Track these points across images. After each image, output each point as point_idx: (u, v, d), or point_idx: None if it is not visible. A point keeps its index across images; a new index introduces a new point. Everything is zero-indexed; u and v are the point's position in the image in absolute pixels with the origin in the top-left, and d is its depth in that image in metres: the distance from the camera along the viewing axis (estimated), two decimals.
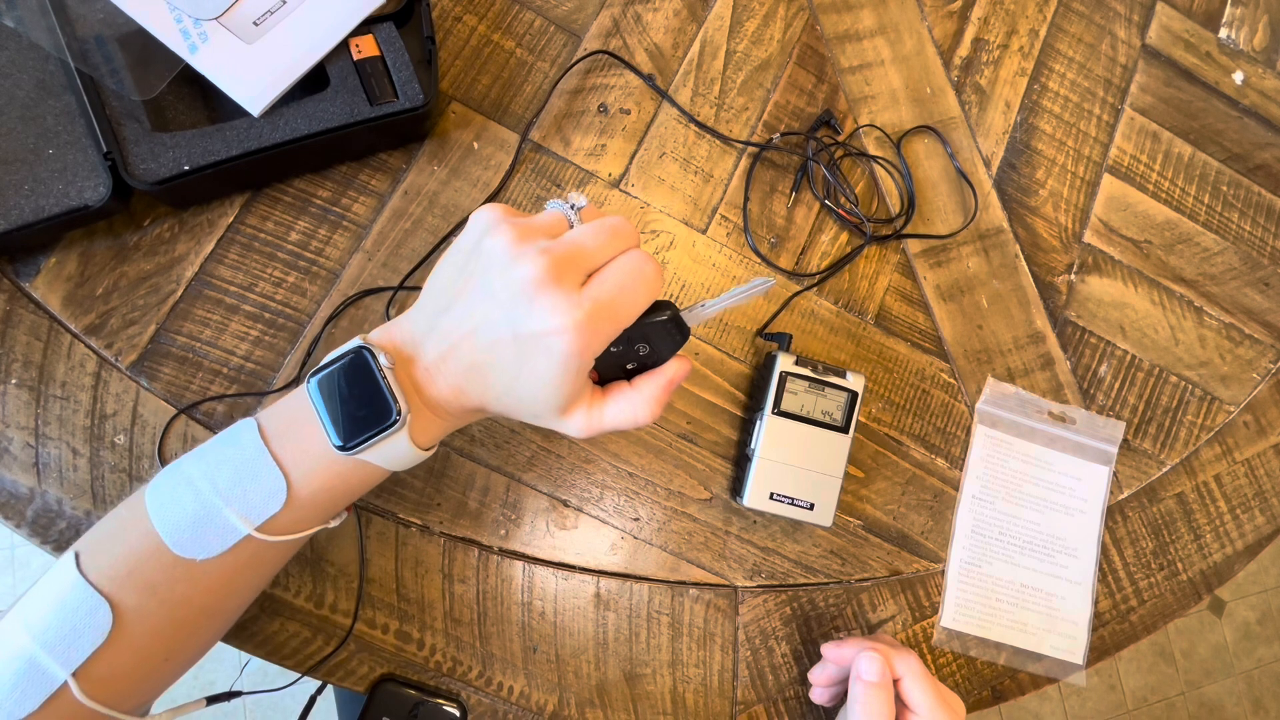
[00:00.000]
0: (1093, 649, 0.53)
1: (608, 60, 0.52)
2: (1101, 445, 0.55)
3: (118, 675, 0.31)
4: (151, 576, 0.31)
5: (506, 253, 0.29)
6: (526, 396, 0.31)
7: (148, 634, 0.32)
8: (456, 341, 0.31)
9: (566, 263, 0.29)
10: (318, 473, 0.32)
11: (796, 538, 0.50)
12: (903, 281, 0.54)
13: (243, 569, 0.33)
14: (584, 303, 0.29)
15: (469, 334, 0.30)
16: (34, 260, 0.43)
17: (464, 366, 0.31)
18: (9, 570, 1.13)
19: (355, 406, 0.30)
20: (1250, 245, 0.61)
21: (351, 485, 0.33)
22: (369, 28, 0.45)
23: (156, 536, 0.31)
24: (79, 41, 0.41)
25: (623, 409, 0.33)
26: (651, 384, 0.33)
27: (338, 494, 0.33)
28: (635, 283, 0.30)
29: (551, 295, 0.28)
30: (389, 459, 0.32)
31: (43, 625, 0.30)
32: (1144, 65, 0.62)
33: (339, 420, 0.31)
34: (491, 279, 0.30)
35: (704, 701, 0.47)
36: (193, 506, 0.31)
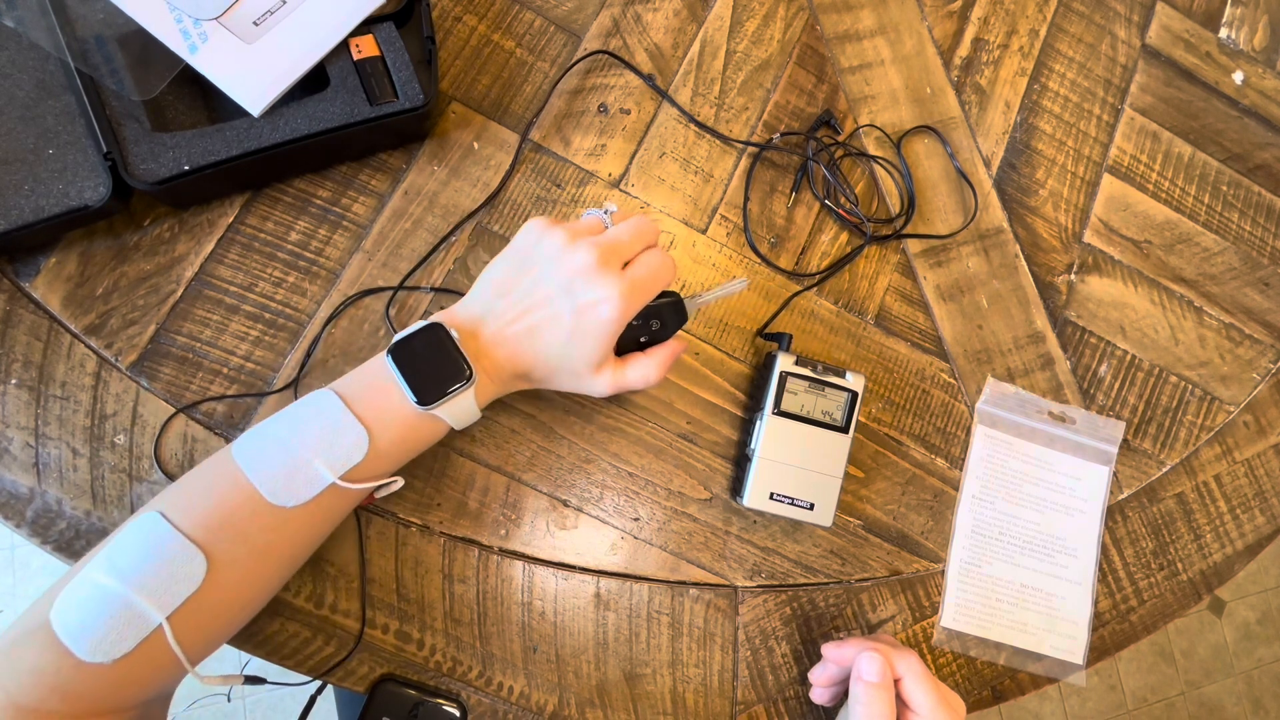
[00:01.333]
0: (1093, 649, 0.53)
1: (608, 60, 0.52)
2: (1101, 445, 0.55)
3: (203, 620, 0.34)
4: (243, 525, 0.35)
5: (563, 247, 0.38)
6: (574, 353, 0.38)
7: (235, 581, 0.35)
8: (517, 315, 0.38)
9: (611, 252, 0.38)
10: (394, 426, 0.37)
11: (796, 538, 0.50)
12: (903, 281, 0.54)
13: (320, 516, 0.37)
14: (625, 280, 0.38)
15: (531, 308, 0.38)
16: (34, 260, 0.43)
17: (523, 333, 0.38)
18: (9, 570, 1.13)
19: (431, 370, 0.37)
20: (1250, 245, 0.61)
21: (423, 437, 0.39)
22: (369, 28, 0.45)
23: (249, 489, 0.35)
24: (79, 41, 0.41)
25: (639, 369, 0.41)
26: (662, 351, 0.42)
27: (410, 445, 0.39)
28: (660, 269, 0.39)
29: (603, 274, 0.37)
30: (455, 415, 0.38)
31: (138, 573, 0.32)
32: (1144, 65, 0.62)
33: (417, 382, 0.37)
34: (552, 266, 0.38)
35: (704, 701, 0.47)
36: (285, 460, 0.35)
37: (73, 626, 0.31)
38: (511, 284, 0.39)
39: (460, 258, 0.48)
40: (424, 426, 0.38)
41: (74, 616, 0.31)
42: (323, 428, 0.36)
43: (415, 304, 0.47)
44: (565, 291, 0.37)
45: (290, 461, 0.35)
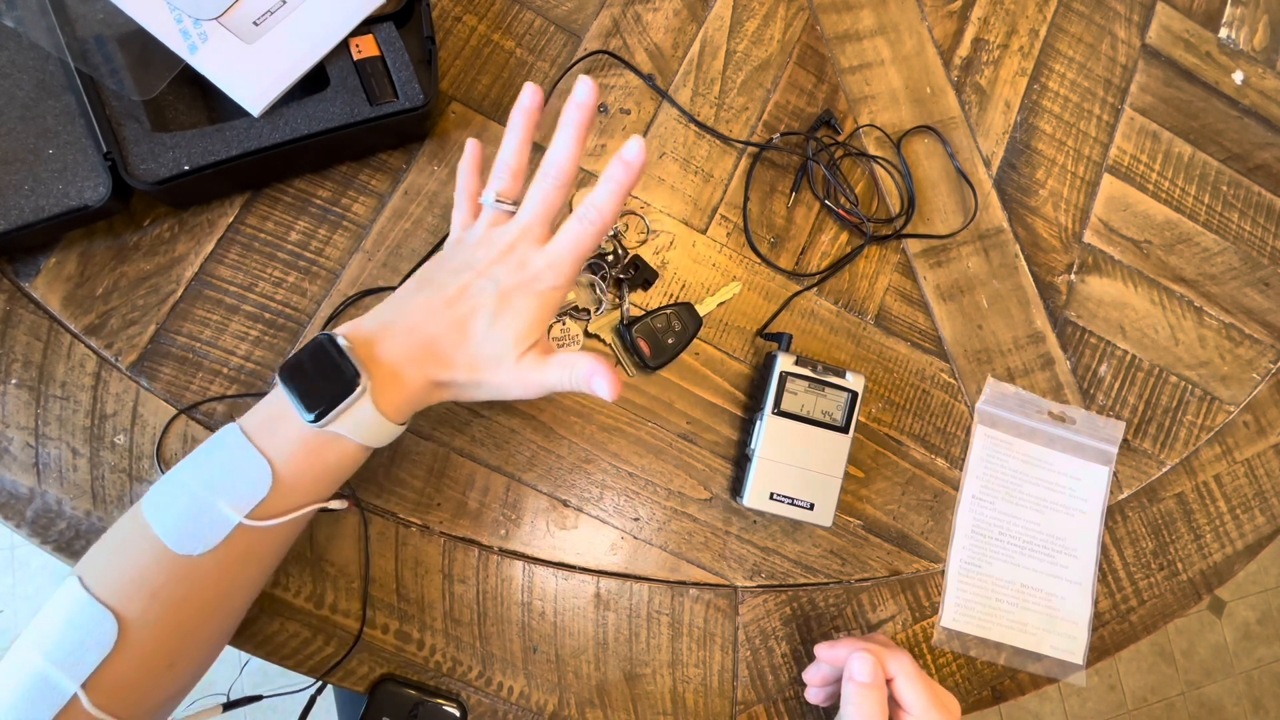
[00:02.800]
0: (1093, 649, 0.53)
1: (608, 60, 0.52)
2: (1101, 445, 0.55)
3: (126, 685, 0.32)
4: (153, 581, 0.33)
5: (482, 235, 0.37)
6: (499, 336, 0.36)
7: (152, 640, 0.33)
8: (436, 308, 0.36)
9: (531, 229, 0.37)
10: (297, 454, 0.34)
11: (796, 538, 0.50)
12: (903, 281, 0.54)
13: (239, 562, 0.35)
14: (546, 254, 0.36)
15: (451, 301, 0.36)
16: (34, 260, 0.43)
17: (446, 325, 0.36)
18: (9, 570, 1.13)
19: (320, 383, 0.34)
20: (1250, 245, 0.61)
21: (330, 462, 0.35)
22: (369, 28, 0.45)
23: (156, 540, 0.33)
24: (79, 41, 0.41)
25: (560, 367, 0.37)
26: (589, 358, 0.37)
27: (319, 472, 0.35)
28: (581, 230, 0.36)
29: (523, 253, 0.36)
30: (359, 430, 0.35)
31: (51, 642, 0.31)
32: (1144, 65, 0.62)
33: (307, 397, 0.34)
34: (474, 253, 0.37)
35: (704, 701, 0.47)
36: (187, 505, 0.33)
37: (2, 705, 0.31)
38: (429, 277, 0.38)
39: None
40: (330, 449, 0.35)
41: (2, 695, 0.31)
42: (224, 465, 0.34)
43: None
44: (487, 277, 0.36)
45: (193, 506, 0.33)
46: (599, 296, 0.48)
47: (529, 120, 0.39)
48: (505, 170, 0.39)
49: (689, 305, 0.49)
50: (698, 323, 0.49)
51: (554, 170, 0.37)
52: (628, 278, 0.49)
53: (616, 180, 0.36)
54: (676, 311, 0.48)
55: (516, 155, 0.39)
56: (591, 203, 0.36)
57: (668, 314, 0.48)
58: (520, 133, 0.39)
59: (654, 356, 0.47)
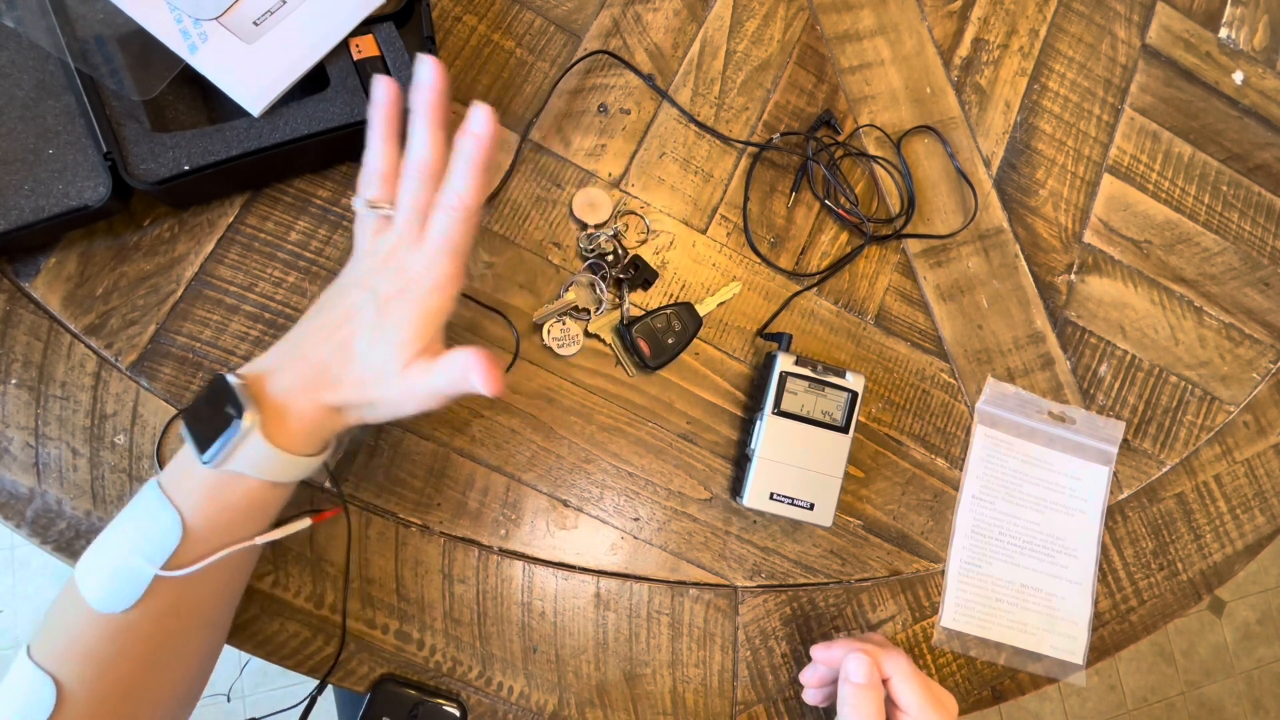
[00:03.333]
0: (1093, 649, 0.53)
1: (608, 60, 0.52)
2: (1101, 445, 0.55)
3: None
4: (86, 643, 0.33)
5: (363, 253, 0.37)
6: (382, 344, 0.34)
7: (92, 702, 0.33)
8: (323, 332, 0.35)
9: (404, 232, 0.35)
10: (204, 498, 0.34)
11: (796, 538, 0.50)
12: (903, 281, 0.54)
13: (168, 613, 0.34)
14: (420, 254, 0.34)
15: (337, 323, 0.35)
16: (34, 260, 0.43)
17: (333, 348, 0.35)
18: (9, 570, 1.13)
19: (210, 423, 0.34)
20: (1250, 245, 0.61)
21: (237, 502, 0.35)
22: (369, 28, 0.45)
23: (84, 603, 0.33)
24: (79, 41, 0.41)
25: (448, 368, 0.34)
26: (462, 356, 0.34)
27: (231, 515, 0.35)
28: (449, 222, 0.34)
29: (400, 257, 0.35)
30: (257, 466, 0.34)
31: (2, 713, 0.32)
32: (1144, 65, 0.62)
33: (198, 439, 0.34)
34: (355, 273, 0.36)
35: (704, 701, 0.47)
36: (108, 564, 0.34)
37: None
38: (318, 307, 0.37)
39: None
40: (233, 489, 0.34)
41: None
42: (138, 520, 0.34)
43: None
44: (368, 288, 0.35)
45: (113, 564, 0.33)
46: (599, 296, 0.48)
47: (385, 118, 0.37)
48: (373, 174, 0.37)
49: (689, 305, 0.49)
50: (698, 323, 0.49)
51: (416, 164, 0.35)
52: (628, 278, 0.49)
53: (469, 156, 0.34)
54: (676, 311, 0.48)
55: (382, 157, 0.37)
56: (451, 189, 0.34)
57: (668, 314, 0.48)
58: (379, 132, 0.37)
59: (654, 356, 0.47)
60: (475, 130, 0.33)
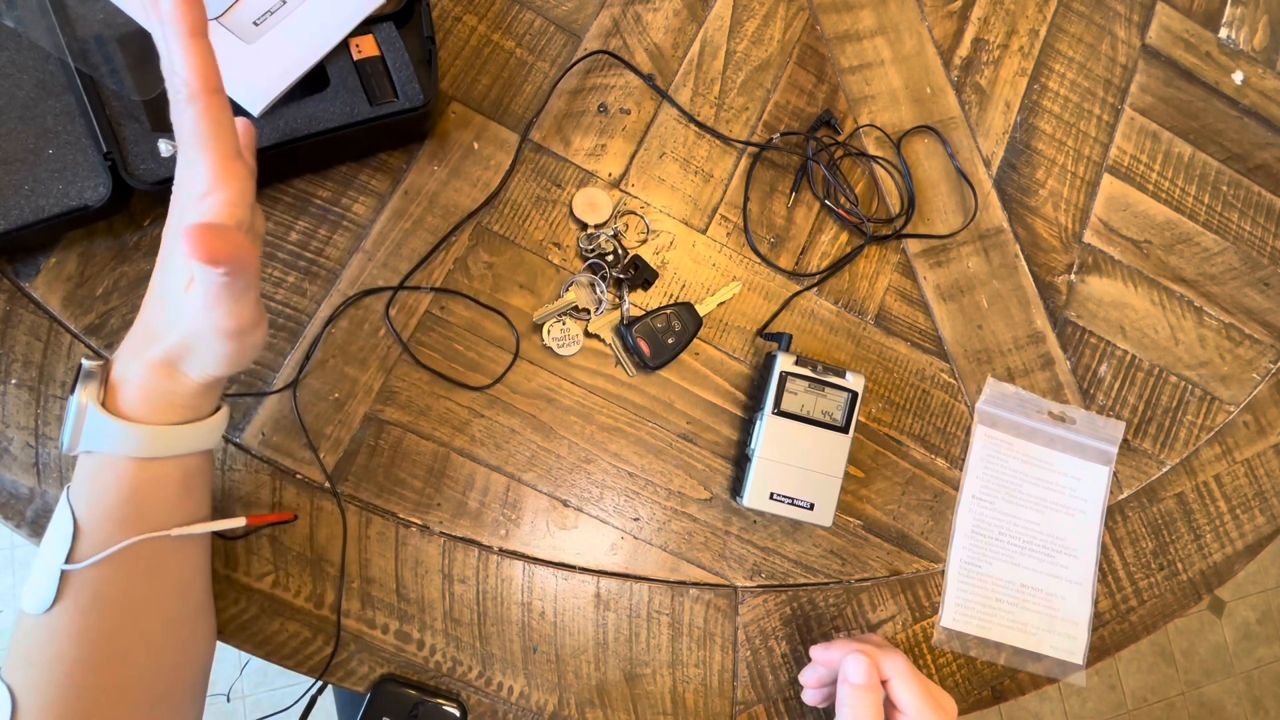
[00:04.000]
0: (1093, 649, 0.53)
1: (608, 60, 0.52)
2: (1101, 445, 0.55)
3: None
4: (26, 649, 0.34)
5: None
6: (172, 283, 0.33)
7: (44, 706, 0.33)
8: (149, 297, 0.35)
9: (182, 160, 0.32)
10: (86, 489, 0.34)
11: (796, 538, 0.50)
12: (903, 281, 0.54)
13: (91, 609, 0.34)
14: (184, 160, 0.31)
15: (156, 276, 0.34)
16: (34, 260, 0.43)
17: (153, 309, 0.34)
18: (9, 570, 1.13)
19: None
20: (1250, 245, 0.61)
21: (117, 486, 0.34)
22: (369, 28, 0.45)
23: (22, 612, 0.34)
24: (79, 41, 0.41)
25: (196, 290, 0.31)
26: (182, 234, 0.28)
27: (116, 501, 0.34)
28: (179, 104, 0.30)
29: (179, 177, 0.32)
30: (112, 442, 0.33)
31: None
32: (1144, 65, 0.62)
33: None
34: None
35: (704, 701, 0.47)
36: (34, 567, 0.34)
37: None
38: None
39: (460, 258, 0.48)
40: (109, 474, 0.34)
41: None
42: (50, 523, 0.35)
43: (415, 304, 0.47)
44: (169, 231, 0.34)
45: (35, 568, 0.34)
46: (599, 296, 0.48)
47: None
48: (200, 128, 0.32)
49: (689, 305, 0.49)
50: (698, 323, 0.49)
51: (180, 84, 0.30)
52: (628, 278, 0.49)
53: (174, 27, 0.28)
54: (676, 311, 0.48)
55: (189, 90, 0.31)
56: (171, 71, 0.29)
57: (668, 314, 0.48)
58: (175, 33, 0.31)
59: (654, 356, 0.47)
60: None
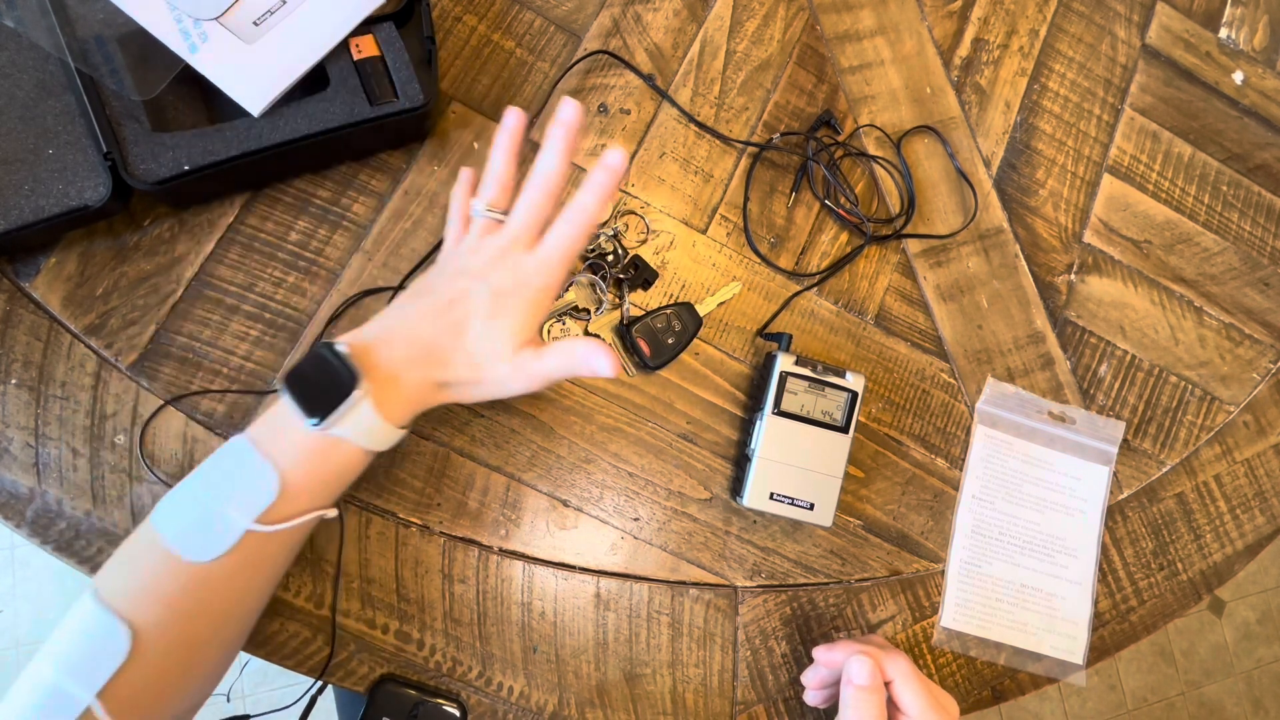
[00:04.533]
0: (1093, 649, 0.53)
1: (608, 60, 0.52)
2: (1101, 445, 0.55)
3: (139, 694, 0.33)
4: (166, 590, 0.34)
5: (473, 244, 0.39)
6: (495, 333, 0.37)
7: (165, 649, 0.34)
8: (433, 314, 0.38)
9: (521, 234, 0.38)
10: (302, 458, 0.35)
11: (796, 538, 0.50)
12: (903, 281, 0.54)
13: (248, 568, 0.35)
14: (540, 254, 0.38)
15: (449, 303, 0.38)
16: (34, 260, 0.43)
17: (440, 331, 0.37)
18: (9, 570, 1.13)
19: (320, 388, 0.35)
20: (1250, 245, 0.61)
21: (334, 465, 0.36)
22: (369, 28, 0.45)
23: (166, 551, 0.34)
24: (79, 41, 0.41)
25: (557, 355, 0.38)
26: (585, 342, 0.38)
27: (324, 476, 0.36)
28: (570, 231, 0.38)
29: (516, 255, 0.38)
30: (360, 433, 0.36)
31: (65, 654, 0.32)
32: (1144, 65, 0.62)
33: (308, 402, 0.35)
34: (466, 262, 0.39)
35: (704, 701, 0.47)
36: (196, 513, 0.34)
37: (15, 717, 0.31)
38: (425, 287, 0.39)
39: None
40: (334, 453, 0.36)
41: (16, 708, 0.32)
42: (230, 474, 0.35)
43: None
44: (480, 279, 0.38)
45: (202, 514, 0.34)
46: (599, 296, 0.48)
47: (512, 140, 0.41)
48: (494, 183, 0.40)
49: (689, 305, 0.49)
50: (698, 322, 0.49)
51: (541, 180, 0.39)
52: (628, 278, 0.49)
53: (599, 184, 0.38)
54: (676, 311, 0.48)
55: (504, 169, 0.41)
56: (578, 205, 0.38)
57: (668, 314, 0.48)
58: (505, 151, 0.41)
59: (654, 356, 0.47)
60: (610, 164, 0.37)
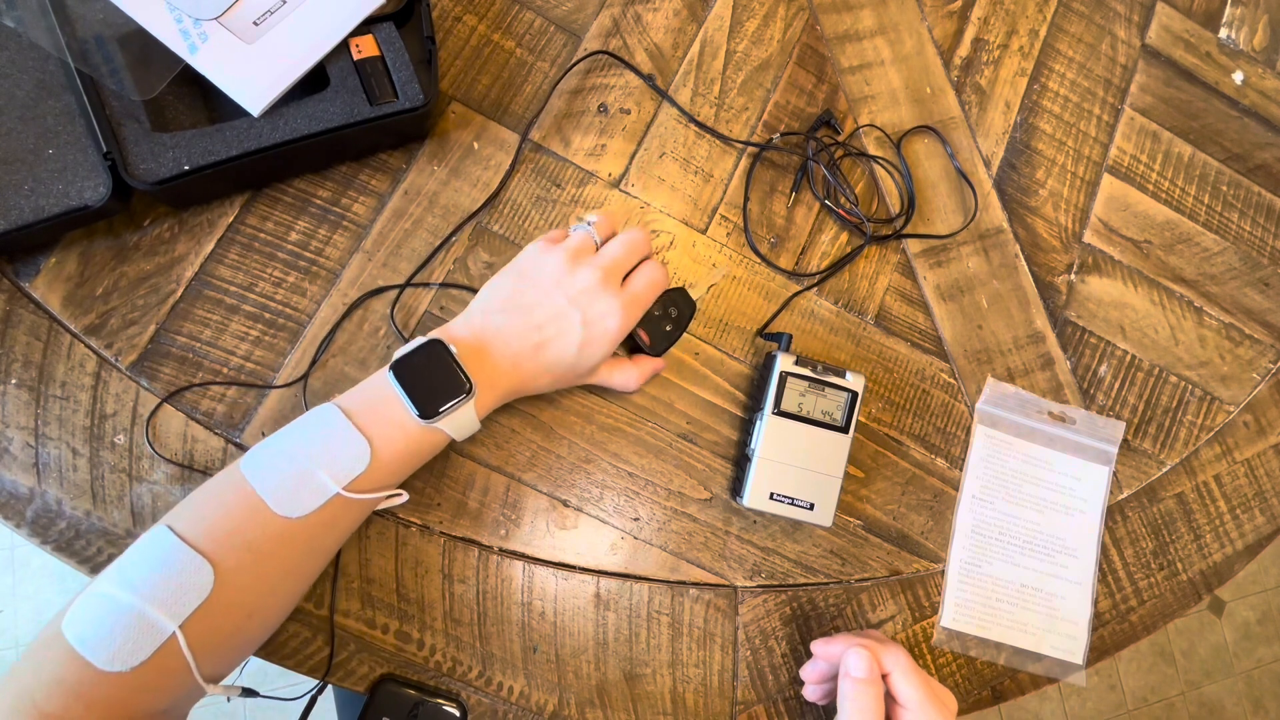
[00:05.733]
0: (1093, 649, 0.53)
1: (608, 60, 0.52)
2: (1101, 445, 0.55)
3: (210, 630, 0.34)
4: (250, 536, 0.36)
5: (567, 267, 0.42)
6: (581, 363, 0.42)
7: (241, 590, 0.35)
8: (526, 330, 0.41)
9: (612, 271, 0.43)
10: (397, 440, 0.38)
11: (796, 538, 0.50)
12: (903, 281, 0.54)
13: (326, 527, 0.38)
14: (626, 295, 0.43)
15: (541, 324, 0.41)
16: (34, 260, 0.43)
17: (532, 348, 0.41)
18: (9, 570, 1.13)
19: (431, 385, 0.39)
20: (1250, 245, 0.61)
21: (423, 450, 0.40)
22: (369, 28, 0.45)
23: (256, 500, 0.36)
24: (79, 41, 0.41)
25: (622, 375, 0.46)
26: (646, 364, 0.47)
27: (411, 458, 0.40)
28: (654, 281, 0.45)
29: (606, 291, 0.42)
30: (456, 427, 0.40)
31: (149, 584, 0.33)
32: (1144, 65, 0.62)
33: (417, 396, 0.38)
34: (558, 285, 0.42)
35: (704, 701, 0.47)
36: (290, 471, 0.36)
37: (90, 638, 0.32)
38: (516, 301, 0.42)
39: (460, 258, 0.48)
40: (425, 439, 0.39)
41: (90, 629, 0.32)
42: (326, 440, 0.37)
43: (415, 304, 0.47)
44: (574, 307, 0.41)
45: (295, 473, 0.36)
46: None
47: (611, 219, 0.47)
48: (604, 218, 0.45)
49: (682, 290, 0.48)
50: (692, 307, 0.48)
51: (633, 236, 0.45)
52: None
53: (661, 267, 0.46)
54: (671, 297, 0.48)
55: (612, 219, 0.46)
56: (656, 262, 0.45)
57: (662, 300, 0.47)
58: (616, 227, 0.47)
59: (653, 345, 0.47)
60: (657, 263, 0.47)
